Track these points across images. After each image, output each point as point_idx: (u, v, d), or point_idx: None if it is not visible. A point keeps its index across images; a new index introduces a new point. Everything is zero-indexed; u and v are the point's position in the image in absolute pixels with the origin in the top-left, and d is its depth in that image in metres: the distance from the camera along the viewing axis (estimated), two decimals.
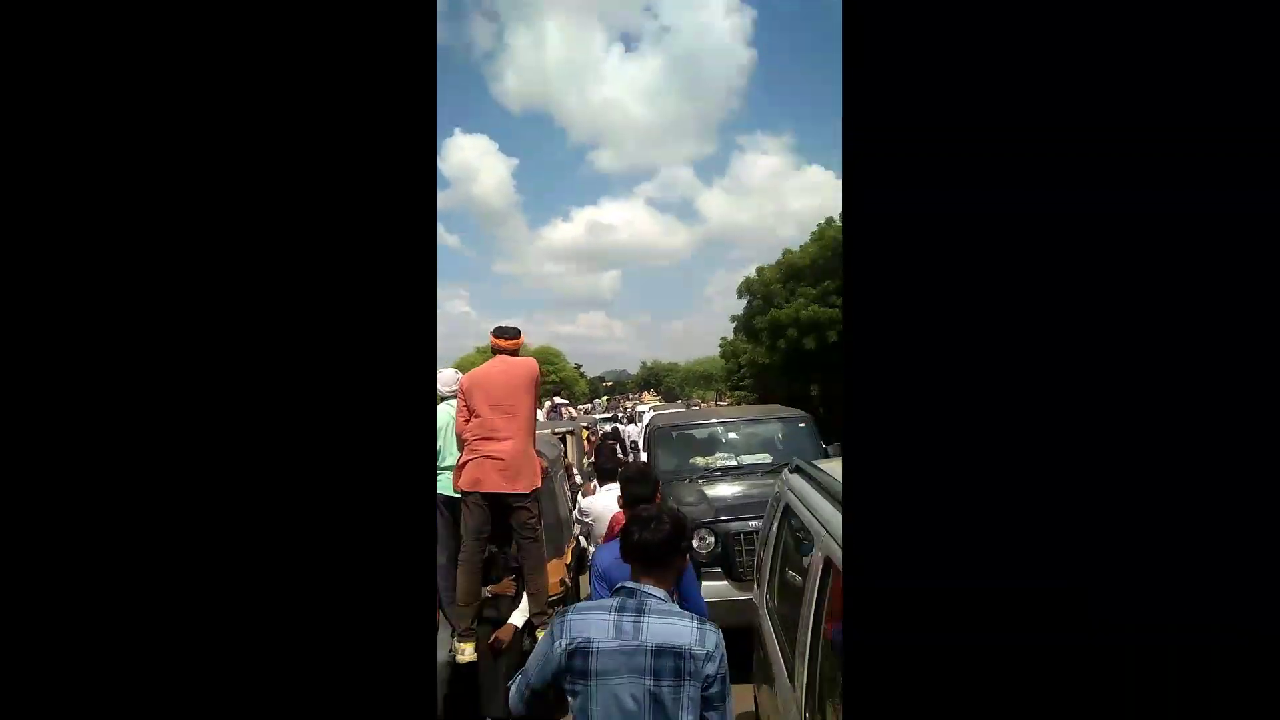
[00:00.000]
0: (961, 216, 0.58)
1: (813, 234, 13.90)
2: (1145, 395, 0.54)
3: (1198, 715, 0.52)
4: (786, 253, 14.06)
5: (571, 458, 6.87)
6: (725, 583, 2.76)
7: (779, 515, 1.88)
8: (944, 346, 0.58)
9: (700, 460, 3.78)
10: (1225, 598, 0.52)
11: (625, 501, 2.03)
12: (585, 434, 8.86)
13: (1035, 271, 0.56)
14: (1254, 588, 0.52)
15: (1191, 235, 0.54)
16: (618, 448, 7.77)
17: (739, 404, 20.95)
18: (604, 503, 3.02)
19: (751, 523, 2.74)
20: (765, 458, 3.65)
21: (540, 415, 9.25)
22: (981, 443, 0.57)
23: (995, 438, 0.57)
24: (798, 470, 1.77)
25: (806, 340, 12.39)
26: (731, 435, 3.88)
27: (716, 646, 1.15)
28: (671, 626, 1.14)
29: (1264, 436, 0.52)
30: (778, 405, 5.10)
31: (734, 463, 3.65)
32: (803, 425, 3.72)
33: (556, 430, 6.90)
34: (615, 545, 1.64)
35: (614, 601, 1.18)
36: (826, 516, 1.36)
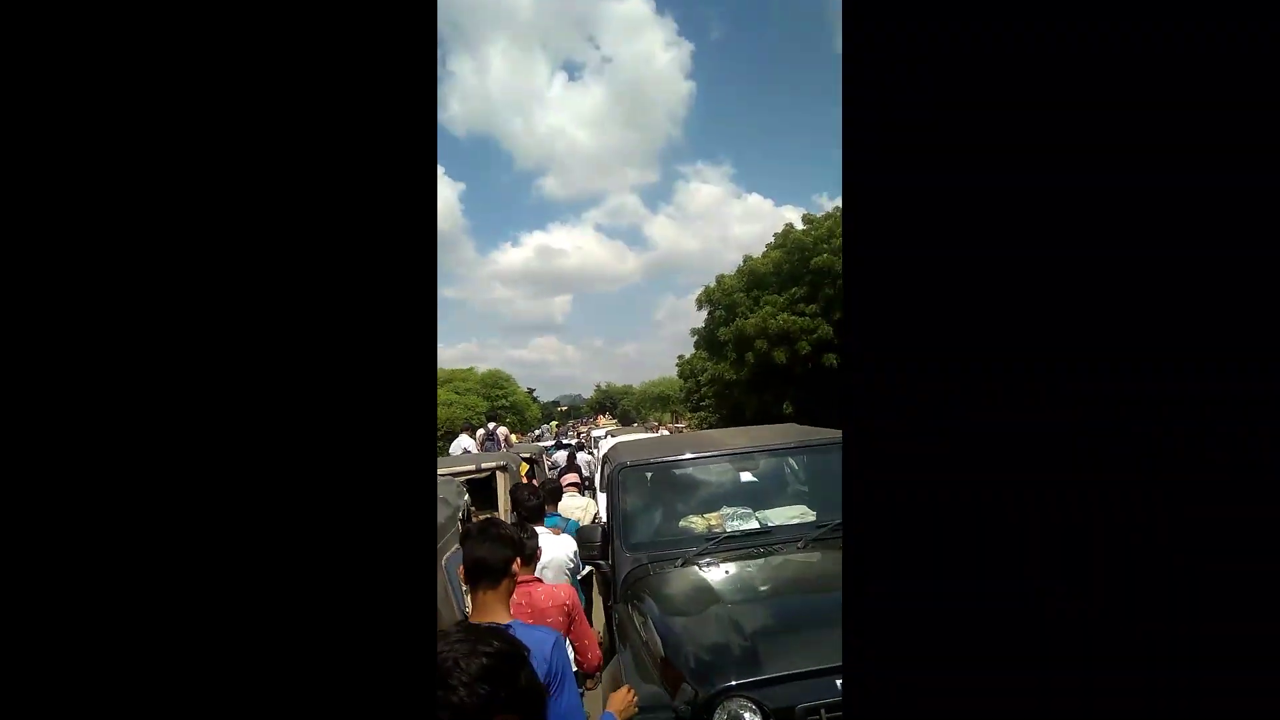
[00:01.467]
0: (964, 193, 0.55)
1: (773, 239, 12.87)
2: (1148, 392, 0.52)
3: (1199, 715, 0.49)
4: (748, 259, 12.95)
5: (502, 504, 5.24)
6: None
7: None
8: (945, 335, 0.55)
9: (698, 522, 2.25)
10: (1226, 597, 0.49)
11: (467, 576, 1.27)
12: (525, 469, 7.17)
13: (1038, 252, 0.54)
14: (1254, 587, 0.49)
15: (1197, 215, 0.52)
16: (560, 481, 6.06)
17: (700, 427, 19.60)
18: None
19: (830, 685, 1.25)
20: (805, 514, 2.18)
21: (472, 445, 7.48)
22: (984, 435, 0.54)
23: (998, 429, 0.54)
24: None
25: (776, 352, 11.15)
26: (745, 475, 2.36)
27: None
28: None
29: (1268, 430, 0.49)
30: (796, 425, 3.56)
31: (755, 524, 2.15)
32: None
33: (483, 466, 5.26)
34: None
35: None
36: None
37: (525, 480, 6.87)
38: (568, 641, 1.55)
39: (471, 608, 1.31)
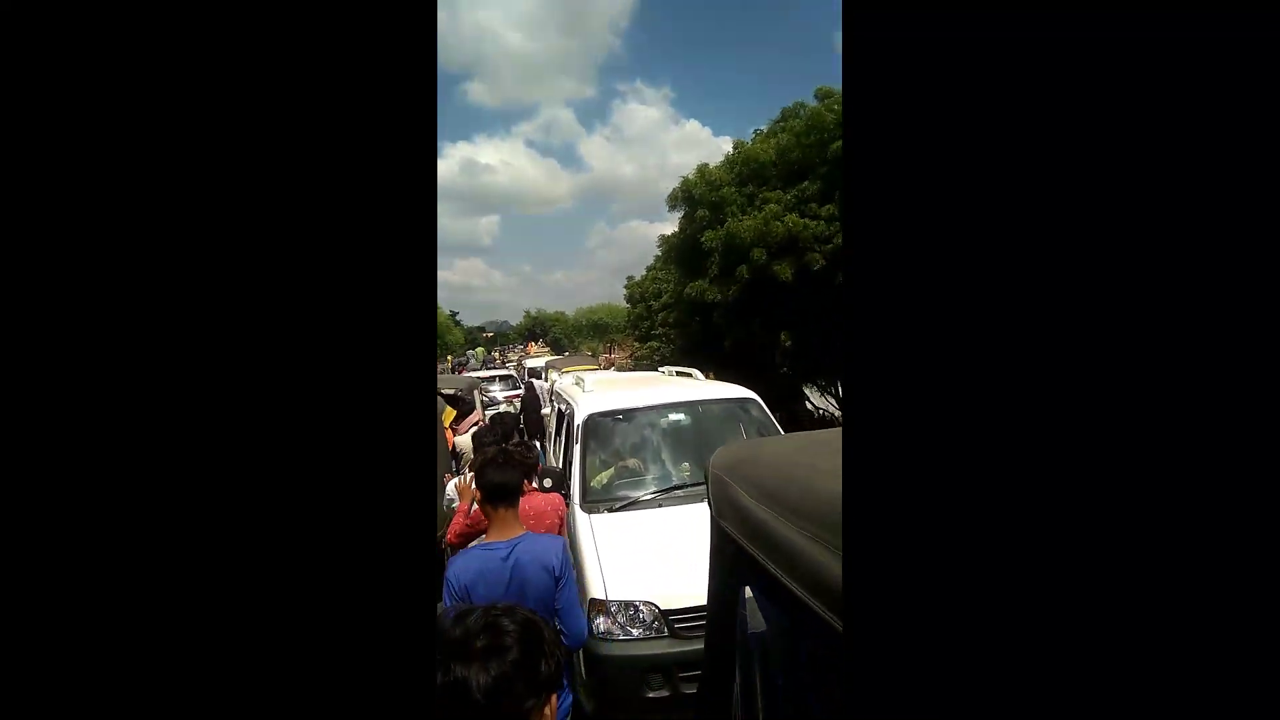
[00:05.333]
0: (967, 192, 0.53)
1: (776, 120, 10.19)
2: (1148, 392, 0.49)
3: (1197, 714, 0.48)
4: (739, 144, 10.24)
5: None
6: None
7: None
8: (946, 335, 0.53)
9: None
10: (1226, 597, 0.47)
11: (485, 498, 1.52)
12: (449, 417, 4.54)
13: (1039, 251, 0.52)
14: (1255, 587, 0.47)
15: (1197, 214, 0.50)
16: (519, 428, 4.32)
17: (651, 359, 17.36)
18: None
19: None
20: None
21: None
22: (984, 434, 0.51)
23: (998, 429, 0.51)
24: None
25: (779, 266, 8.76)
26: None
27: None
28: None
29: (1268, 430, 0.47)
30: None
31: None
32: None
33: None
34: (479, 553, 1.48)
35: None
36: None
37: (449, 429, 4.45)
38: None
39: (490, 524, 1.54)
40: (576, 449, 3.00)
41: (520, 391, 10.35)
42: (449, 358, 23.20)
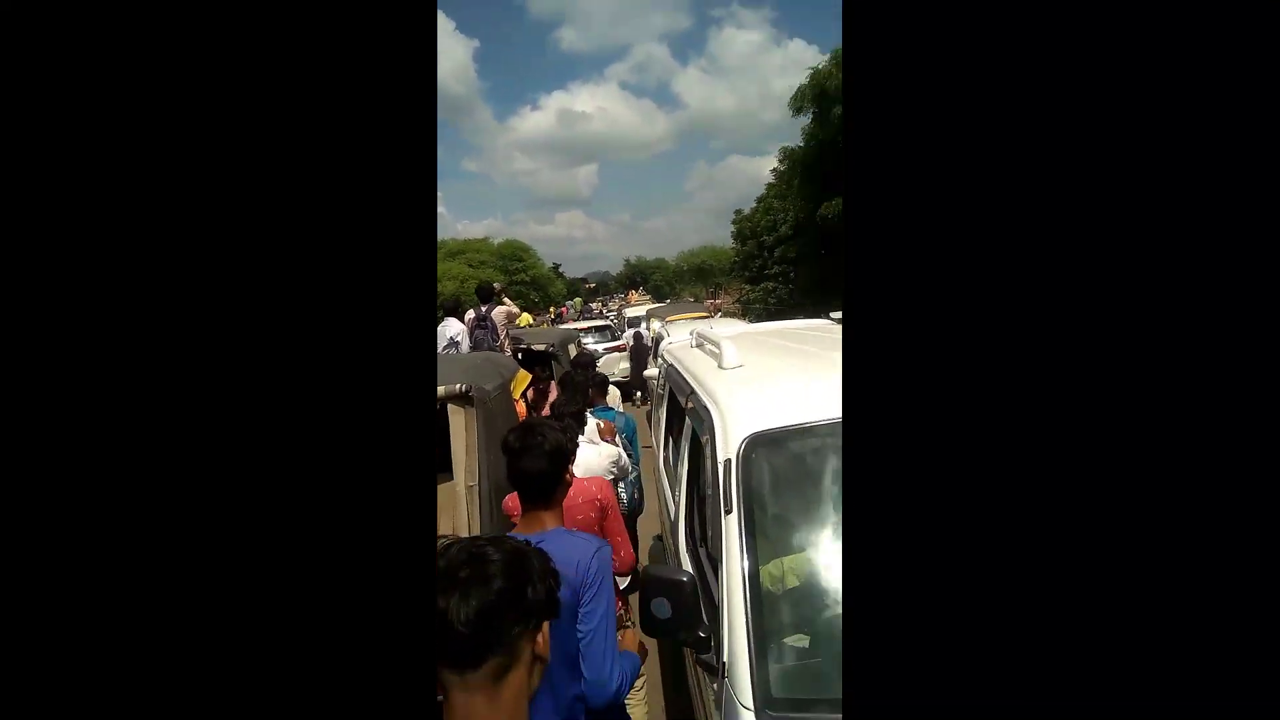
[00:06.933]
0: (967, 187, 0.54)
1: None
2: (1148, 392, 0.51)
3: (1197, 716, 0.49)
4: None
5: (460, 463, 2.25)
6: None
7: None
8: (947, 331, 0.54)
9: None
10: (1226, 597, 0.48)
11: (513, 486, 1.27)
12: (522, 383, 3.37)
13: (1039, 249, 0.53)
14: (1254, 587, 0.48)
15: (1198, 213, 0.51)
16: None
17: (766, 302, 15.36)
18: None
19: None
20: None
21: (463, 333, 4.83)
22: (983, 431, 0.52)
23: (998, 428, 0.52)
24: None
25: None
26: None
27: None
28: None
29: (1268, 430, 0.49)
30: None
31: None
32: None
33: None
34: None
35: None
36: None
37: (520, 400, 3.37)
38: None
39: (520, 518, 1.29)
40: (731, 524, 1.21)
41: (620, 343, 9.19)
42: (551, 309, 22.85)
